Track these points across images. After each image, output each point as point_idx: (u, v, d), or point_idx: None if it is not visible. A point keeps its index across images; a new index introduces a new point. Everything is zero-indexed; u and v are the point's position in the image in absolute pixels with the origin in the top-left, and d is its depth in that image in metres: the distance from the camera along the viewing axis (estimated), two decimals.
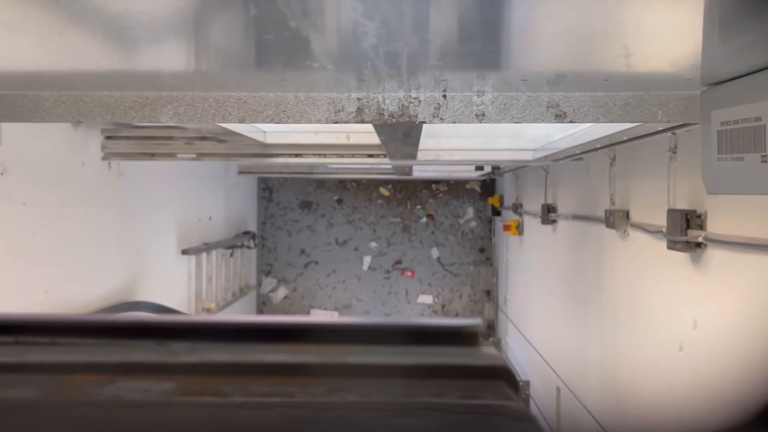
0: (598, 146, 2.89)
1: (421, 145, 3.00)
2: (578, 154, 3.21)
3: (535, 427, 0.42)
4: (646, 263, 2.94)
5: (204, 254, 5.06)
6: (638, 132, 2.40)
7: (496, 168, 5.57)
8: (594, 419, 3.70)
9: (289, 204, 7.49)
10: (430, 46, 1.07)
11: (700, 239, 2.34)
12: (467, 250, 7.53)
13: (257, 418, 0.42)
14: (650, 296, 2.93)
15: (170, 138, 3.41)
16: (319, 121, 1.34)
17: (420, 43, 1.04)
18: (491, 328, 7.36)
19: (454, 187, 7.54)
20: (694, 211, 2.40)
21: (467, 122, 1.32)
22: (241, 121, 1.37)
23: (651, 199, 2.83)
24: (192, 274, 4.86)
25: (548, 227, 4.73)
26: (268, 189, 7.48)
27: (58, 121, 1.39)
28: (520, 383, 5.58)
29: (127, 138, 3.45)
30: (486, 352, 0.50)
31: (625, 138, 2.58)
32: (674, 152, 2.61)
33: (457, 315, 7.47)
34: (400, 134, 2.39)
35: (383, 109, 1.30)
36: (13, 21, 1.01)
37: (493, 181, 7.33)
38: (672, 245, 2.47)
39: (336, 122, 1.33)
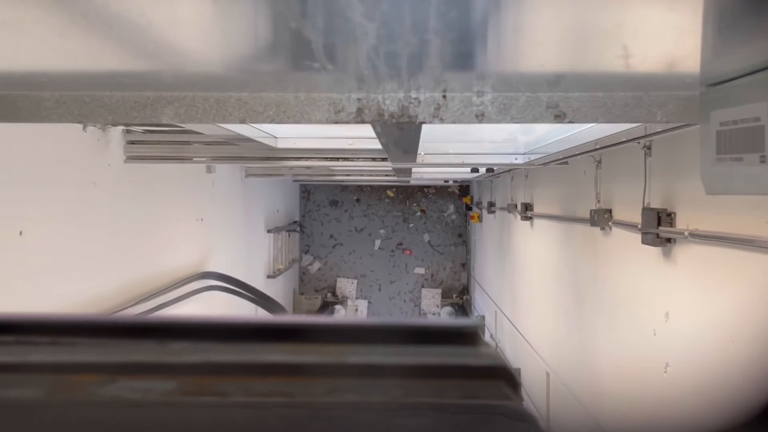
0: (504, 170, 5.83)
1: (414, 170, 5.20)
2: (496, 174, 6.32)
3: (534, 427, 0.42)
4: (517, 228, 6.24)
5: (277, 233, 7.99)
6: (517, 165, 4.40)
7: (455, 180, 8.80)
8: (511, 323, 6.70)
9: (321, 202, 10.51)
10: (430, 47, 1.07)
11: (529, 214, 5.59)
12: (449, 235, 10.58)
13: (258, 418, 0.42)
14: (518, 243, 6.32)
15: (279, 168, 5.72)
16: (319, 122, 1.34)
17: (420, 43, 1.04)
18: (465, 290, 10.44)
19: (440, 190, 10.51)
20: (530, 203, 5.64)
21: (467, 122, 1.32)
22: (242, 121, 1.37)
23: (521, 198, 5.97)
24: (271, 245, 7.79)
25: (492, 216, 7.96)
26: (306, 191, 10.45)
27: (59, 122, 1.39)
28: (477, 316, 8.89)
29: (250, 162, 5.54)
30: (485, 352, 0.50)
31: (514, 167, 4.96)
32: (526, 177, 5.72)
33: (441, 282, 10.55)
34: (403, 172, 5.00)
35: (383, 110, 1.30)
36: (15, 22, 1.01)
37: (467, 186, 10.31)
38: (522, 218, 5.79)
39: (336, 122, 1.33)
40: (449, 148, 3.92)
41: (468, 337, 0.51)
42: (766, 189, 1.05)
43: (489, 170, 5.10)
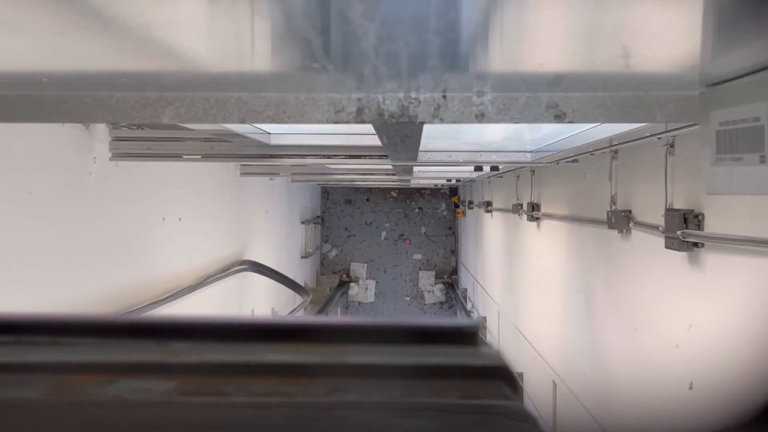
0: (476, 177, 7.20)
1: (413, 178, 6.43)
2: (472, 180, 8.41)
3: (534, 427, 0.42)
4: (484, 219, 8.72)
5: (307, 225, 10.36)
6: (473, 177, 7.09)
7: (442, 185, 11.33)
8: (482, 287, 9.29)
9: (338, 201, 12.92)
10: (430, 47, 1.07)
11: (490, 209, 8.33)
12: (441, 228, 13.04)
13: (257, 418, 0.42)
14: (484, 229, 8.88)
15: (320, 177, 7.66)
16: (319, 122, 1.34)
17: (420, 43, 1.04)
18: (454, 271, 12.89)
19: (434, 192, 12.88)
20: (490, 201, 8.27)
21: (467, 122, 1.32)
22: (242, 121, 1.37)
23: (486, 197, 8.46)
24: (303, 234, 10.15)
25: (471, 211, 10.44)
26: (326, 192, 12.81)
27: (59, 122, 1.39)
28: (461, 289, 11.92)
29: (299, 175, 7.19)
30: (485, 352, 0.50)
31: (485, 178, 7.28)
32: (489, 183, 8.16)
33: (435, 266, 12.99)
34: (404, 180, 7.07)
35: (383, 110, 1.30)
36: (14, 21, 1.01)
37: (456, 188, 12.42)
38: (485, 212, 8.50)
39: (336, 122, 1.33)
40: (431, 168, 5.66)
41: (468, 337, 0.51)
42: (766, 189, 1.05)
43: (457, 180, 7.64)
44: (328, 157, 3.48)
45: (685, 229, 2.51)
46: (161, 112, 1.37)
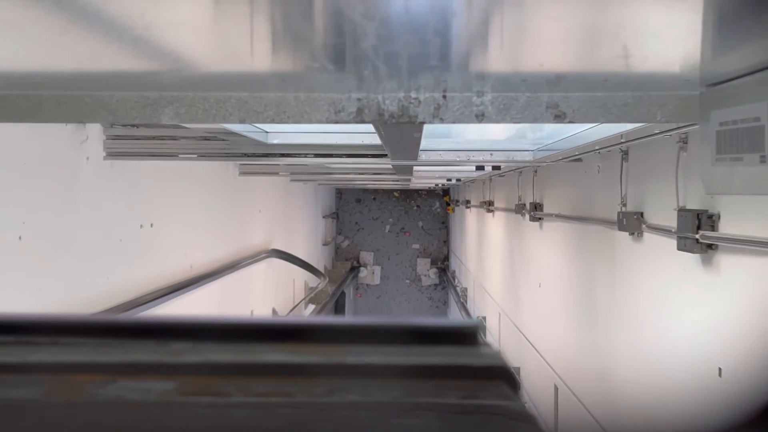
0: (462, 180, 8.96)
1: (412, 180, 7.38)
2: (458, 182, 9.41)
3: (534, 427, 0.42)
4: (467, 214, 11.50)
5: (326, 219, 12.62)
6: (454, 184, 10.29)
7: (434, 189, 14.08)
8: (465, 267, 11.90)
9: (350, 199, 15.14)
10: (430, 47, 1.07)
11: (469, 205, 11.06)
12: (436, 222, 15.35)
13: (257, 418, 0.42)
14: (467, 222, 11.62)
15: (340, 183, 10.65)
16: (319, 121, 1.34)
17: (420, 43, 1.04)
18: (446, 258, 15.14)
19: (430, 192, 15.00)
20: (469, 200, 11.02)
21: (467, 122, 1.32)
22: (242, 121, 1.37)
23: (467, 197, 11.30)
24: (323, 227, 12.26)
25: (458, 208, 12.57)
26: (339, 192, 14.95)
27: (59, 122, 1.39)
28: (451, 272, 15.02)
29: (321, 180, 8.47)
30: (485, 352, 0.50)
31: (456, 183, 9.72)
32: (468, 186, 10.77)
33: (430, 254, 15.30)
34: (404, 182, 8.69)
35: (383, 110, 1.30)
36: (15, 21, 1.01)
37: (448, 189, 14.51)
38: (466, 208, 11.48)
39: (336, 122, 1.33)
40: (425, 177, 7.04)
41: (468, 337, 0.51)
42: (766, 189, 1.05)
43: (448, 179, 9.04)
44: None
45: (534, 211, 5.37)
46: (161, 112, 1.37)
